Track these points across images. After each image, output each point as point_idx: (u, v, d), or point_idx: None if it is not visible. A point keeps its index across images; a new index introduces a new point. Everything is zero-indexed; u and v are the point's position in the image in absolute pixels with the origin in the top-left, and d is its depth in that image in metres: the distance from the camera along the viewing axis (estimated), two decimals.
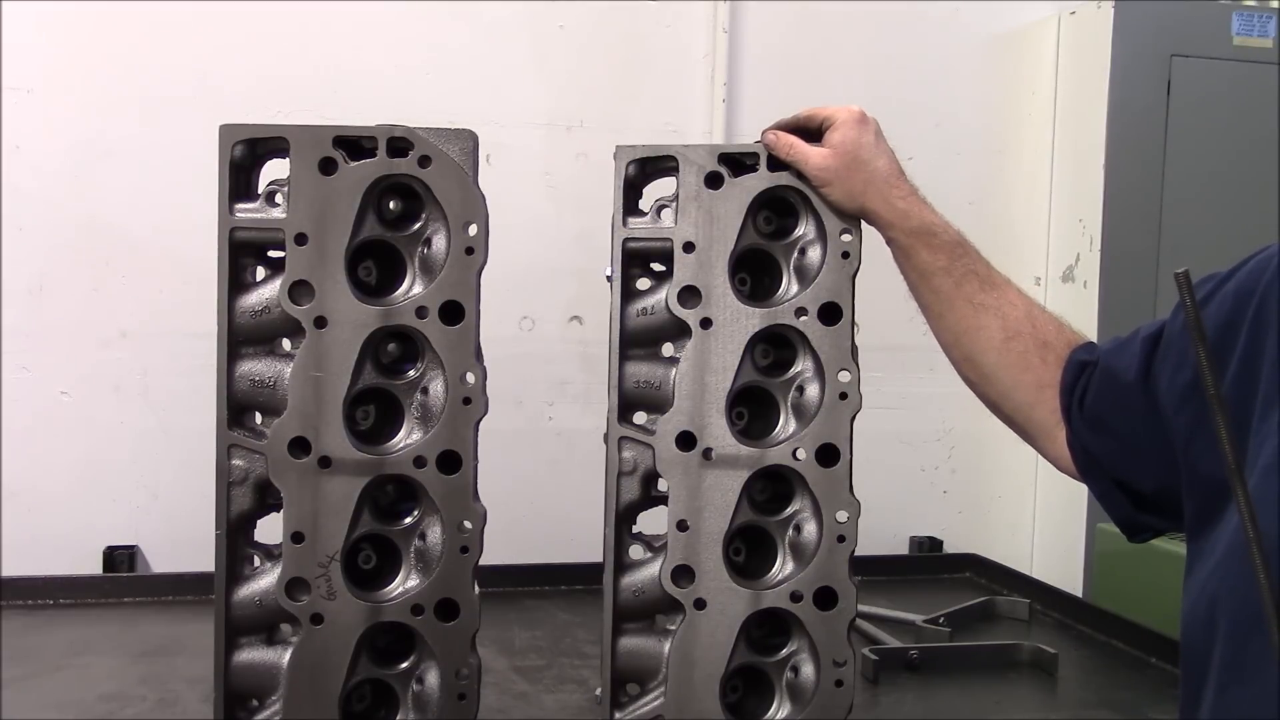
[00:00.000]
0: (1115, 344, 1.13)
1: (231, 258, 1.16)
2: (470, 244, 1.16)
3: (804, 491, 1.23)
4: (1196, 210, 2.61)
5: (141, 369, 2.37)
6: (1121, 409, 1.08)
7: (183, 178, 2.24)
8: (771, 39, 2.64)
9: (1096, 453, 1.12)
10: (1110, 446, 1.11)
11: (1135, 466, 1.09)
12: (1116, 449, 1.10)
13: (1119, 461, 1.10)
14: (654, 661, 1.23)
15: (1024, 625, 1.97)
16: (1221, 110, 2.63)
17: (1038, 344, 1.18)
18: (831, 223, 1.22)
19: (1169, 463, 1.02)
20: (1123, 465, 1.10)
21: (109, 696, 1.51)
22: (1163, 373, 1.03)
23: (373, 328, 1.16)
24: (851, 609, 1.21)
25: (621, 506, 1.23)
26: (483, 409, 1.17)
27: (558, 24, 2.54)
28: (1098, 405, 1.11)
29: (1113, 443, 1.10)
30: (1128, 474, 1.10)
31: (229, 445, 1.16)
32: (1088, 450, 1.13)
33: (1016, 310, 1.20)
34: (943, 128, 2.73)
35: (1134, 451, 1.08)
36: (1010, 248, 2.77)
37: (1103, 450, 1.11)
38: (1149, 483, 1.08)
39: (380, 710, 1.21)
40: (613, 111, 2.57)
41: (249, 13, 2.37)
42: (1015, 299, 1.21)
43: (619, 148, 1.22)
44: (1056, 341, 1.18)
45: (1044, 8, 2.79)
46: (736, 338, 1.21)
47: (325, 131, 1.15)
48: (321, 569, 1.16)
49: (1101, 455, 1.12)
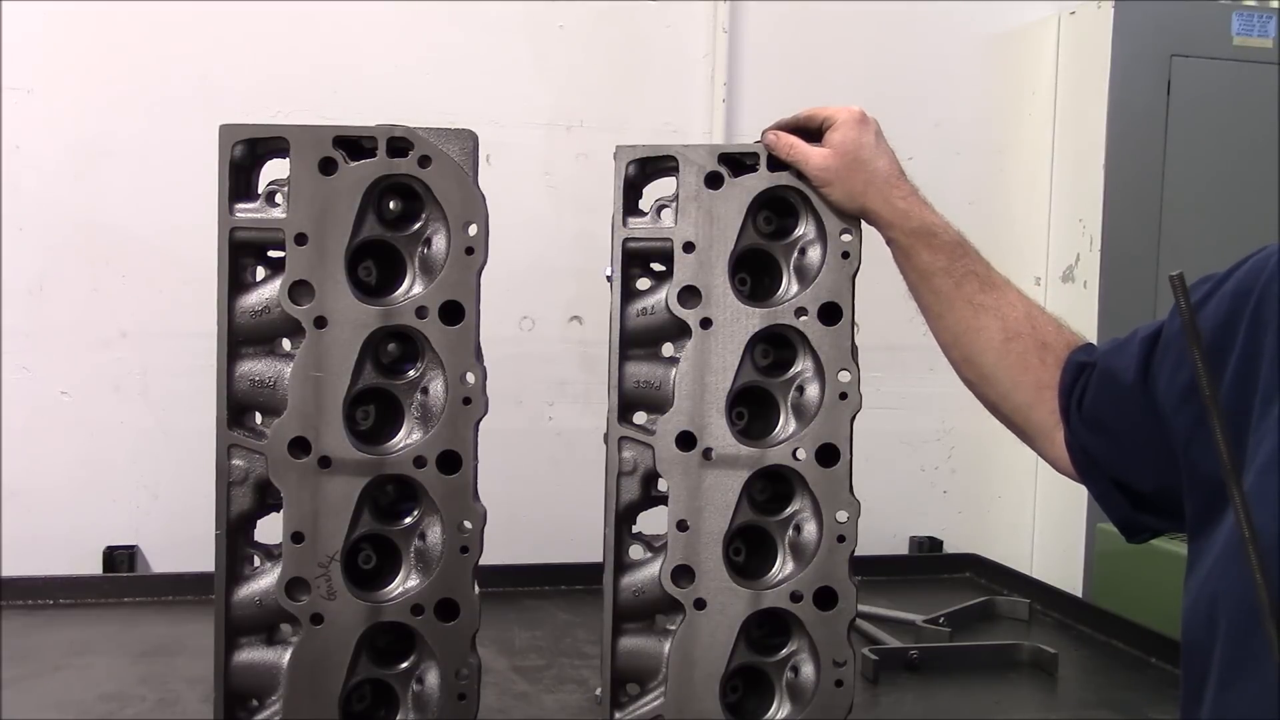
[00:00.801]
0: (1113, 345, 1.13)
1: (231, 258, 1.16)
2: (470, 244, 1.16)
3: (804, 491, 1.23)
4: (1196, 210, 2.61)
5: (141, 369, 2.37)
6: (1120, 409, 1.08)
7: (183, 178, 2.24)
8: (771, 39, 2.64)
9: (1095, 453, 1.12)
10: (1108, 447, 1.11)
11: (1133, 467, 1.09)
12: (1115, 449, 1.10)
13: (1117, 461, 1.10)
14: (654, 661, 1.23)
15: (1024, 625, 1.97)
16: (1221, 110, 2.63)
17: (1037, 345, 1.18)
18: (831, 223, 1.22)
19: (1167, 463, 1.02)
20: (1121, 465, 1.10)
21: (109, 696, 1.51)
22: (1161, 373, 1.03)
23: (373, 328, 1.16)
24: (851, 609, 1.21)
25: (621, 506, 1.23)
26: (483, 409, 1.17)
27: (558, 24, 2.54)
28: (1096, 406, 1.11)
29: (1111, 443, 1.10)
30: (1126, 474, 1.10)
31: (229, 445, 1.16)
32: (1086, 450, 1.13)
33: (1016, 311, 1.20)
34: (943, 128, 2.73)
35: (1132, 452, 1.08)
36: (1010, 248, 2.77)
37: (1101, 450, 1.11)
38: (1147, 483, 1.08)
39: (380, 710, 1.21)
40: (613, 111, 2.57)
41: (249, 13, 2.37)
42: (1015, 300, 1.21)
43: (619, 148, 1.22)
44: (1055, 343, 1.18)
45: (1044, 8, 2.79)
46: (736, 338, 1.21)
47: (325, 131, 1.15)
48: (321, 569, 1.16)
49: (1100, 455, 1.12)
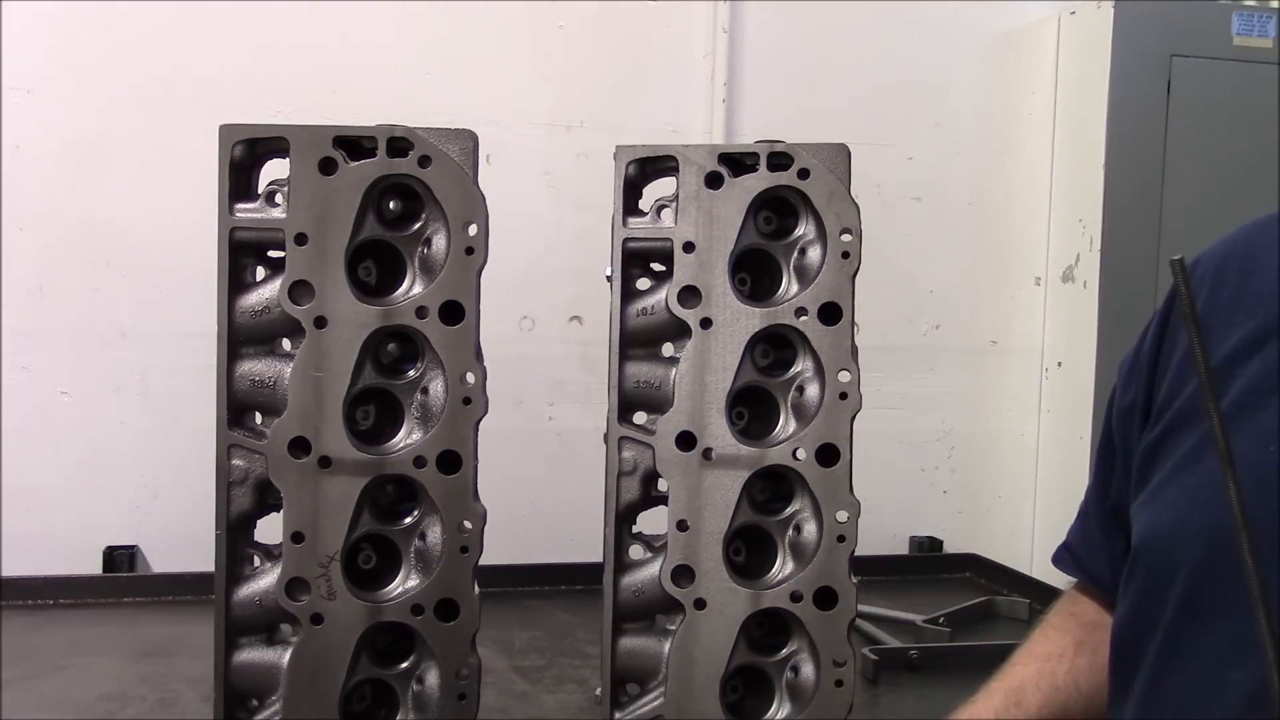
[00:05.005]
0: (1082, 547, 1.20)
1: (231, 258, 1.16)
2: (470, 244, 1.16)
3: (804, 491, 1.22)
4: (1196, 210, 2.61)
5: (141, 369, 2.37)
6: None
7: (183, 178, 2.24)
8: (771, 39, 2.64)
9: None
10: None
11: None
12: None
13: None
14: (654, 661, 1.23)
15: (1024, 625, 1.97)
16: (1221, 110, 2.63)
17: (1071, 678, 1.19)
18: (831, 223, 1.22)
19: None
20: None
21: (109, 696, 1.51)
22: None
23: (373, 328, 1.16)
24: (851, 609, 1.21)
25: (621, 506, 1.23)
26: (483, 409, 1.17)
27: (558, 24, 2.54)
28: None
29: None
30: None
31: (229, 445, 1.16)
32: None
33: (1032, 685, 1.20)
34: (943, 128, 2.72)
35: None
36: (1010, 248, 2.78)
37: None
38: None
39: (380, 710, 1.21)
40: (613, 111, 2.57)
41: (249, 13, 2.37)
42: (1019, 683, 1.21)
43: (619, 148, 1.22)
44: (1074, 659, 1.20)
45: (1044, 8, 2.79)
46: (736, 338, 1.21)
47: (325, 131, 1.15)
48: (321, 569, 1.16)
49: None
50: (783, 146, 1.21)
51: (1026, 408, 2.81)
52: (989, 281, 2.79)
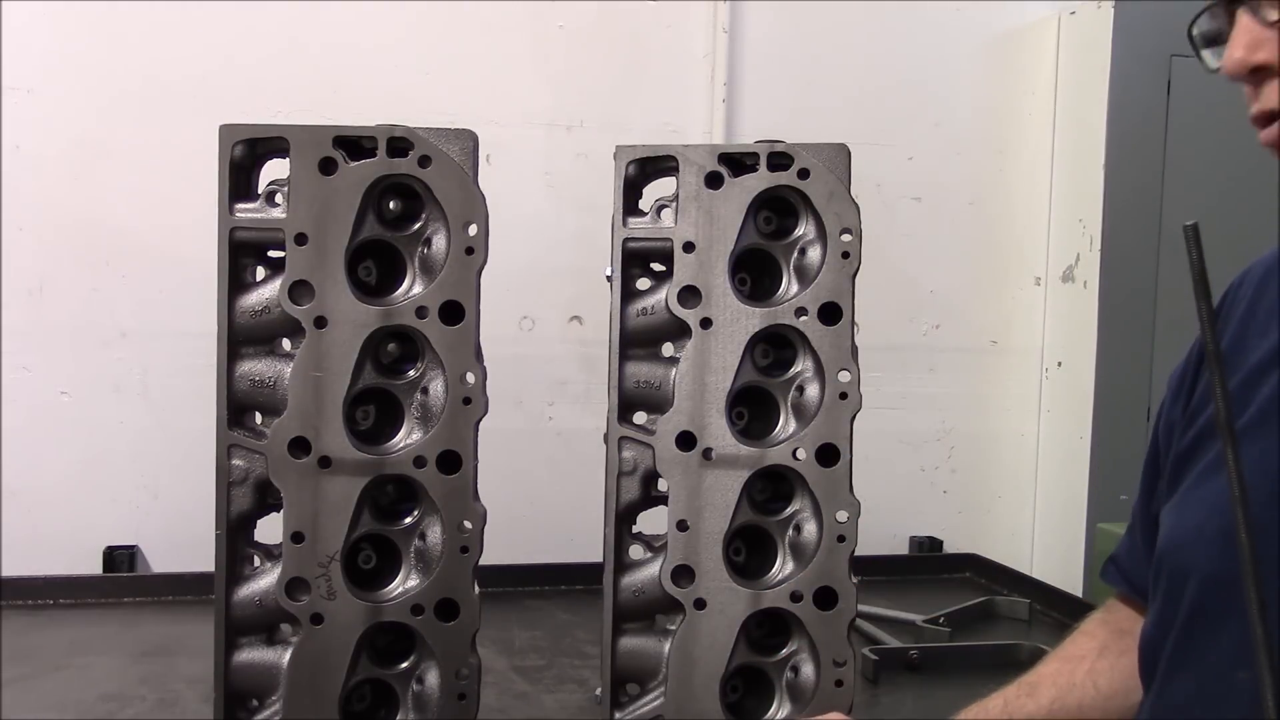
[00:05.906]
0: (1128, 559, 1.19)
1: (231, 258, 1.16)
2: (470, 244, 1.16)
3: (804, 491, 1.23)
4: (1196, 210, 2.60)
5: (141, 369, 2.37)
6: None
7: (183, 178, 2.24)
8: (771, 39, 2.64)
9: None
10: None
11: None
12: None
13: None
14: (654, 661, 1.23)
15: (1024, 625, 1.97)
16: (1221, 110, 2.63)
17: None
18: (831, 223, 1.22)
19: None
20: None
21: (109, 696, 1.51)
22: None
23: (373, 328, 1.16)
24: (851, 609, 1.21)
25: (621, 506, 1.23)
26: (483, 409, 1.17)
27: (558, 24, 2.54)
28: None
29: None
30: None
31: (229, 445, 1.16)
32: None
33: (1049, 681, 1.20)
34: (943, 128, 2.72)
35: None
36: (1010, 248, 2.78)
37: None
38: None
39: (380, 710, 1.21)
40: (613, 111, 2.57)
41: (249, 13, 2.37)
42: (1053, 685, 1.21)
43: (619, 148, 1.22)
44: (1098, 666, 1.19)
45: (1044, 8, 2.79)
46: (736, 338, 1.21)
47: (325, 131, 1.15)
48: (321, 569, 1.16)
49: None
50: (783, 146, 1.21)
51: (1026, 408, 2.81)
52: (989, 281, 2.79)
